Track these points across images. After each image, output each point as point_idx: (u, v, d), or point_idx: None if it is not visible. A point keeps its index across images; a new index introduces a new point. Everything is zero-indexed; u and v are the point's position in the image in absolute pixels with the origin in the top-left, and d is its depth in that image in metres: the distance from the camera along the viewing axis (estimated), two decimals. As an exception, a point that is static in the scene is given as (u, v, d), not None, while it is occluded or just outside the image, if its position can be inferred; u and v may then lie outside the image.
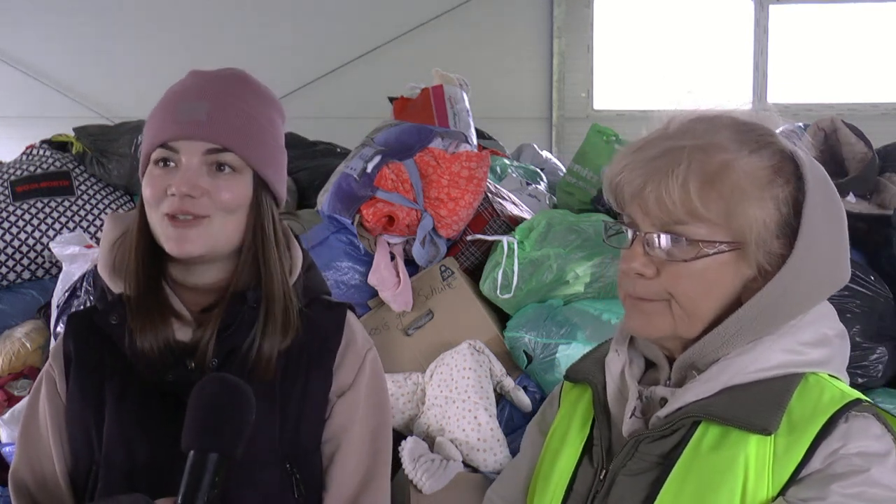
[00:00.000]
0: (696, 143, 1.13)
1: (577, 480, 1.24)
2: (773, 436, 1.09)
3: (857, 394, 1.15)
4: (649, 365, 1.27)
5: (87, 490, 1.40)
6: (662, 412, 1.16)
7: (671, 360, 1.21)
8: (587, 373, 1.30)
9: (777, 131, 1.19)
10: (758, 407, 1.10)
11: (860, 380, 2.83)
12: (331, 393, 1.45)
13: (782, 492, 1.08)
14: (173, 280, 1.43)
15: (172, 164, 1.37)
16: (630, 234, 1.18)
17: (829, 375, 1.17)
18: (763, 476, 1.08)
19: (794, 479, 1.08)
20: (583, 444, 1.26)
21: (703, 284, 1.14)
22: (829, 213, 1.16)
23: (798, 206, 1.13)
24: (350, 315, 1.52)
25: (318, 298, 1.51)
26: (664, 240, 1.14)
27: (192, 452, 1.16)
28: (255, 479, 1.38)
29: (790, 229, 1.14)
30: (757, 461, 1.09)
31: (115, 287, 1.43)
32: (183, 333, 1.40)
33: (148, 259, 1.41)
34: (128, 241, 1.43)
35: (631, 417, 1.20)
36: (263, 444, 1.38)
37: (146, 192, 1.38)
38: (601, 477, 1.20)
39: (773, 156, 1.14)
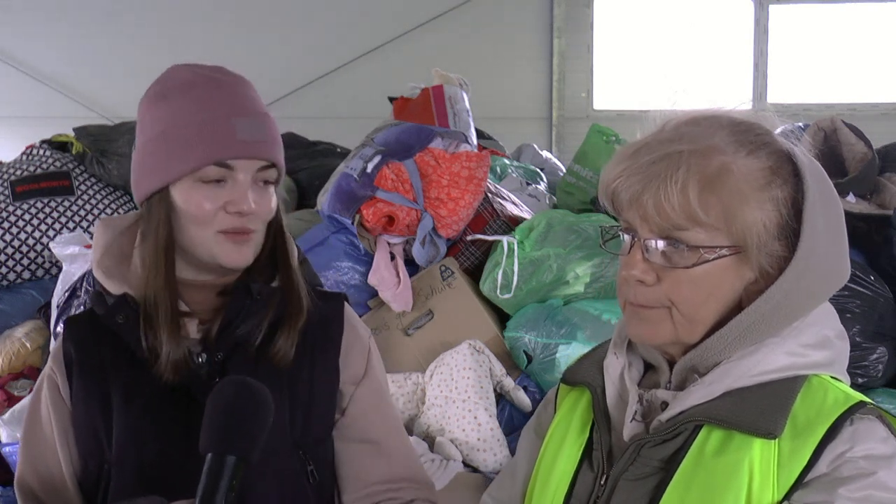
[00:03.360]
0: (694, 147, 1.11)
1: (577, 485, 1.23)
2: (777, 439, 1.08)
3: (860, 396, 1.13)
4: (648, 367, 1.25)
5: (98, 490, 1.40)
6: (664, 416, 1.14)
7: (671, 363, 1.20)
8: (585, 376, 1.28)
9: (776, 131, 1.18)
10: (762, 410, 1.09)
11: (860, 380, 2.83)
12: (342, 383, 1.48)
13: (787, 496, 1.07)
14: (181, 281, 1.43)
15: (223, 180, 1.37)
16: (628, 239, 1.17)
17: (832, 377, 1.16)
18: (768, 480, 1.07)
19: (799, 482, 1.06)
20: (582, 448, 1.25)
21: (704, 290, 1.12)
22: (829, 213, 1.14)
23: (797, 206, 1.12)
24: (346, 305, 1.56)
25: (313, 289, 1.53)
26: (664, 246, 1.12)
27: (209, 455, 1.16)
28: (269, 466, 1.38)
29: (790, 230, 1.12)
30: (761, 465, 1.07)
31: (114, 288, 1.43)
32: (193, 330, 1.41)
33: (170, 268, 1.40)
34: (147, 249, 1.41)
35: (632, 421, 1.18)
36: (274, 432, 1.37)
37: (193, 208, 1.36)
38: (602, 482, 1.19)
39: (770, 156, 1.13)
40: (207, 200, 1.36)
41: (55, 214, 3.69)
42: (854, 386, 3.04)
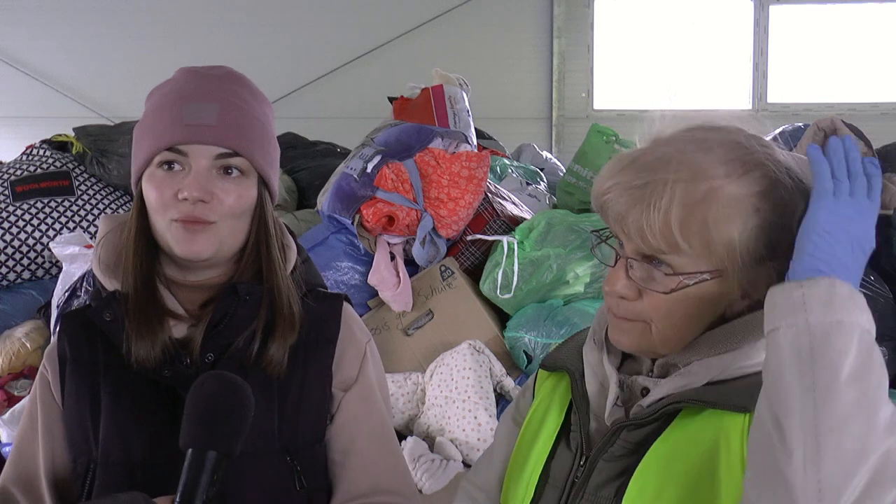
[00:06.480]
0: (682, 174, 1.11)
1: (554, 465, 1.25)
2: (749, 416, 1.09)
3: None
4: (627, 355, 1.27)
5: (84, 488, 1.40)
6: (645, 401, 1.16)
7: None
8: (565, 361, 1.30)
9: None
10: (739, 392, 1.11)
11: (860, 380, 2.84)
12: (333, 387, 1.45)
13: None
14: (169, 279, 1.43)
15: (179, 167, 1.36)
16: (614, 253, 1.18)
17: None
18: (738, 458, 1.08)
19: None
20: (557, 429, 1.28)
21: (683, 312, 1.14)
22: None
23: (791, 225, 1.09)
24: (346, 306, 1.53)
25: (313, 290, 1.51)
26: (646, 266, 1.14)
27: (190, 451, 1.16)
28: (255, 470, 1.37)
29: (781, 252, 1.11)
30: (732, 444, 1.09)
31: (109, 284, 1.43)
32: (179, 330, 1.40)
33: (145, 260, 1.40)
34: (124, 242, 1.42)
35: (614, 406, 1.21)
36: (262, 436, 1.37)
37: (151, 195, 1.36)
38: (581, 463, 1.21)
39: (761, 179, 1.11)
40: (158, 187, 1.35)
41: (55, 214, 3.69)
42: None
